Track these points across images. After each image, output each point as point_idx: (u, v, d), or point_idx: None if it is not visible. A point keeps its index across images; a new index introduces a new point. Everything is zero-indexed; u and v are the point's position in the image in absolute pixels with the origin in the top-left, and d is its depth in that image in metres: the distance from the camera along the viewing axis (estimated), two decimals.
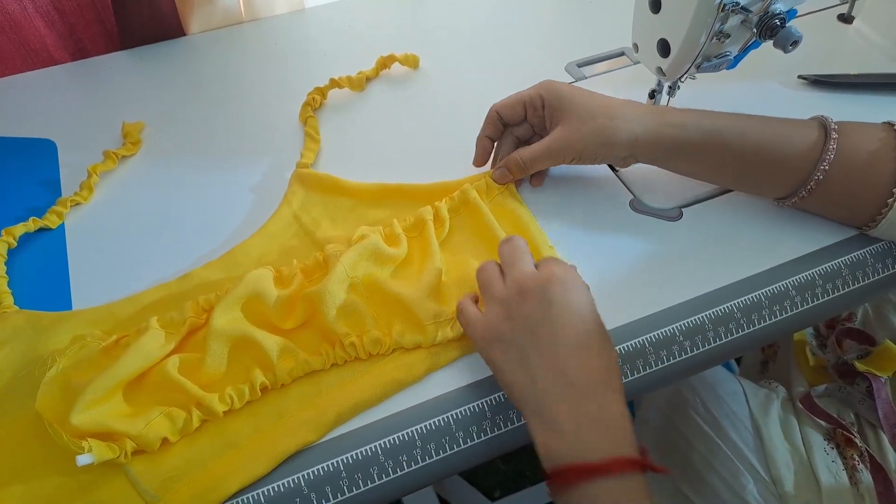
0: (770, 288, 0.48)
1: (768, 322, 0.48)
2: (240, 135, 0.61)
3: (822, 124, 0.47)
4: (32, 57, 0.66)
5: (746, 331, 0.48)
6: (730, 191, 0.54)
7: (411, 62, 0.66)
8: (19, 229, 0.52)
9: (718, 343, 0.47)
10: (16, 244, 0.52)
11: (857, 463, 0.62)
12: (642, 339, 0.46)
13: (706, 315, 0.47)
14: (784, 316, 0.48)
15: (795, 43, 0.47)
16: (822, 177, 0.46)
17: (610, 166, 0.56)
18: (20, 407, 0.42)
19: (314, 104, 0.61)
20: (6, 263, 0.51)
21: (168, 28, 0.69)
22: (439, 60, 0.68)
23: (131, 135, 0.59)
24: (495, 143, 0.55)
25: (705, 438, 0.66)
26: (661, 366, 0.46)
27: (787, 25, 0.47)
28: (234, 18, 0.71)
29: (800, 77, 0.63)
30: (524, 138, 0.55)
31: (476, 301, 0.45)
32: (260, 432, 0.41)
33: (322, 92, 0.62)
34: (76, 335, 0.44)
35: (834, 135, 0.46)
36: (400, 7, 0.75)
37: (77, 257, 0.52)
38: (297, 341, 0.44)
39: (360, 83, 0.64)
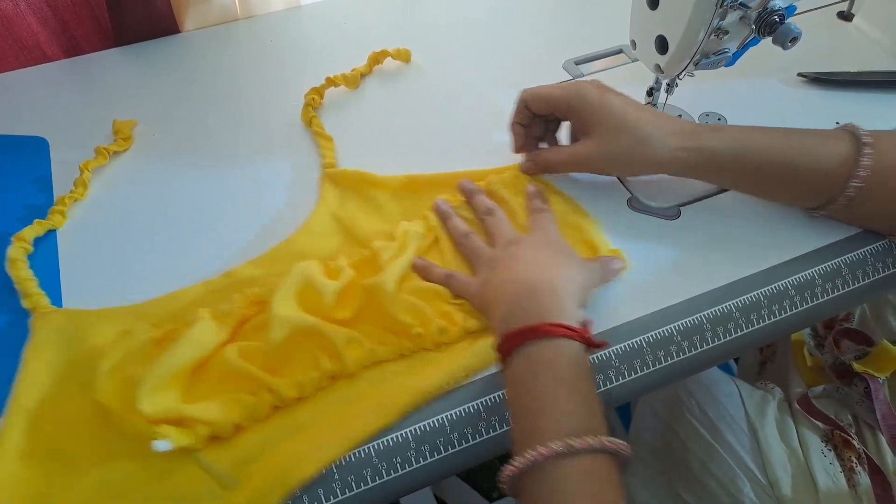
0: (769, 287, 0.48)
1: (767, 322, 0.48)
2: (236, 132, 0.61)
3: (854, 135, 0.46)
4: (25, 54, 0.66)
5: (745, 331, 0.47)
6: (727, 190, 0.54)
7: (403, 56, 0.66)
8: (29, 233, 0.51)
9: (717, 343, 0.47)
10: (32, 249, 0.51)
11: (854, 465, 0.61)
12: (640, 340, 0.45)
13: (704, 315, 0.47)
14: (783, 315, 0.48)
15: (795, 39, 0.46)
16: (856, 189, 0.45)
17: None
18: (76, 402, 0.42)
19: (314, 104, 0.61)
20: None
21: (163, 25, 0.68)
22: (436, 57, 0.68)
23: (122, 131, 0.59)
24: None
25: (702, 441, 0.65)
26: (658, 366, 0.46)
27: (786, 22, 0.46)
28: (230, 16, 0.71)
29: (799, 75, 0.62)
30: (553, 122, 0.55)
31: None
32: (327, 416, 0.41)
33: (319, 92, 0.62)
34: (121, 330, 0.45)
35: (867, 149, 0.45)
36: (396, 3, 0.75)
37: (71, 256, 0.51)
38: (359, 331, 0.44)
39: (354, 80, 0.63)
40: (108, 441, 0.40)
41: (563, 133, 0.56)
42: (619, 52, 0.66)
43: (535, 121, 0.54)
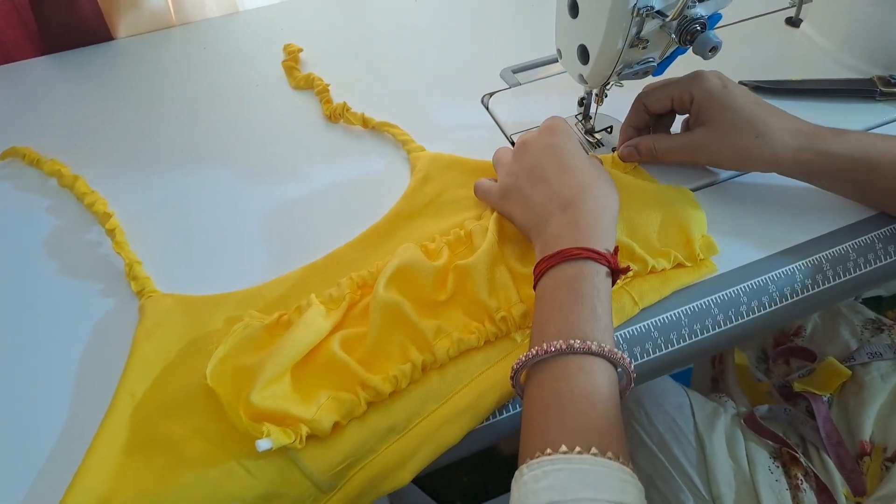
0: (777, 272, 0.47)
1: (770, 309, 0.47)
2: (171, 140, 0.59)
3: None
4: None
5: (748, 318, 0.47)
6: (735, 176, 0.52)
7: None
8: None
9: (724, 328, 0.46)
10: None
11: (801, 482, 0.60)
12: (647, 323, 0.45)
13: (712, 299, 0.46)
14: (794, 299, 0.47)
15: (714, 49, 0.44)
16: None
17: (613, 149, 0.55)
18: (185, 389, 0.42)
19: (335, 108, 0.60)
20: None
21: (93, 32, 0.66)
22: (375, 63, 0.66)
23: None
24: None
25: (647, 452, 0.64)
26: (667, 350, 0.45)
27: (706, 31, 0.44)
28: (165, 22, 0.69)
29: (741, 83, 0.60)
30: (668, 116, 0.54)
31: None
32: (421, 416, 0.41)
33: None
34: (229, 316, 0.45)
35: None
36: (338, 9, 0.73)
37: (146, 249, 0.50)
38: (443, 319, 0.44)
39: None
40: (213, 432, 0.40)
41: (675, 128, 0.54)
42: (556, 60, 0.64)
43: (649, 120, 0.53)
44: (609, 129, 0.57)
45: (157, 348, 0.43)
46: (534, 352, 0.37)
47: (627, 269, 0.42)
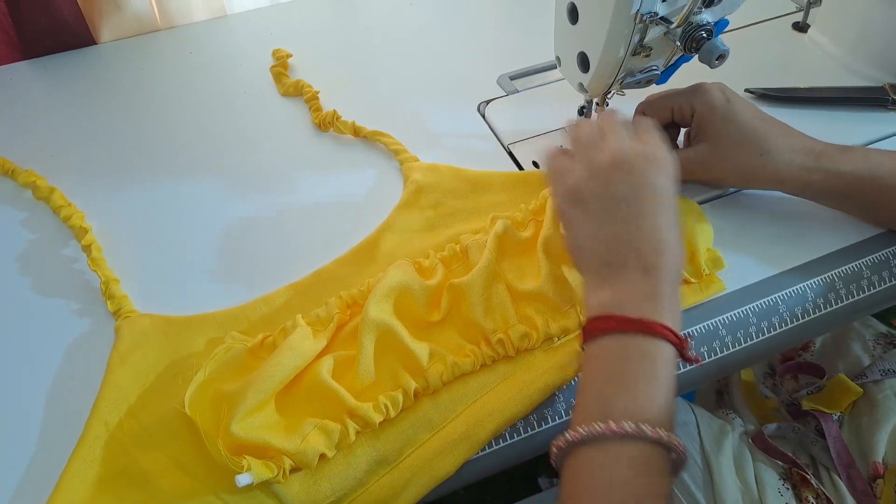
0: (787, 291, 0.45)
1: (780, 330, 0.45)
2: (153, 150, 0.57)
3: None
4: None
5: (757, 339, 0.44)
6: (735, 192, 0.50)
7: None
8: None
9: (732, 350, 0.44)
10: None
11: None
12: None
13: (720, 319, 0.44)
14: (805, 319, 0.45)
15: (721, 57, 0.42)
16: None
17: None
18: (160, 415, 0.39)
19: (325, 116, 0.57)
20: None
21: (75, 36, 0.64)
22: (366, 69, 0.64)
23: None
24: None
25: None
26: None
27: (713, 38, 0.42)
28: (149, 26, 0.67)
29: (747, 91, 0.58)
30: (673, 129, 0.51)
31: None
32: (414, 446, 0.39)
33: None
34: (211, 338, 0.43)
35: None
36: (329, 13, 0.71)
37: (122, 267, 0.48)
38: (437, 342, 0.41)
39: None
40: (191, 464, 0.37)
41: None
42: (556, 66, 0.62)
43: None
44: None
45: (133, 373, 0.41)
46: (599, 427, 0.33)
47: (698, 361, 0.40)
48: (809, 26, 0.64)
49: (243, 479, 0.34)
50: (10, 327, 0.45)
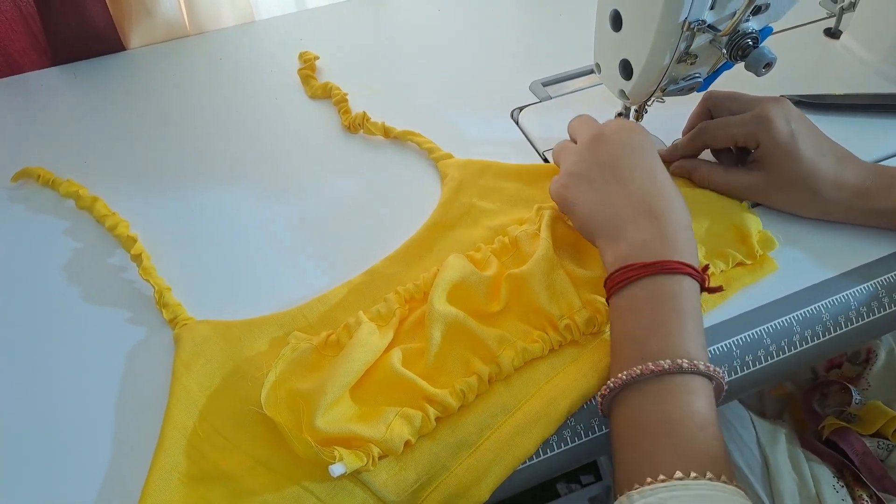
0: (800, 311, 0.45)
1: (824, 338, 0.45)
2: (188, 155, 0.57)
3: None
4: None
5: (772, 360, 0.44)
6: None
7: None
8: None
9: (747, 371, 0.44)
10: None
11: (865, 503, 0.57)
12: None
13: (734, 341, 0.44)
14: (816, 342, 0.45)
15: (769, 65, 0.42)
16: None
17: None
18: (233, 419, 0.40)
19: (354, 118, 0.57)
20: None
21: (104, 42, 0.64)
22: (395, 74, 0.64)
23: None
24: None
25: None
26: None
27: (760, 46, 0.42)
28: (179, 32, 0.67)
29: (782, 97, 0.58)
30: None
31: None
32: (492, 429, 0.39)
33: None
34: (273, 338, 0.43)
35: None
36: (357, 18, 0.71)
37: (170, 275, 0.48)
38: (502, 330, 0.42)
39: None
40: (273, 460, 0.38)
41: None
42: (592, 72, 0.62)
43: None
44: None
45: (199, 379, 0.41)
46: (638, 370, 0.35)
47: (720, 289, 0.40)
48: (842, 32, 0.64)
49: (337, 469, 0.34)
50: (67, 337, 0.44)
